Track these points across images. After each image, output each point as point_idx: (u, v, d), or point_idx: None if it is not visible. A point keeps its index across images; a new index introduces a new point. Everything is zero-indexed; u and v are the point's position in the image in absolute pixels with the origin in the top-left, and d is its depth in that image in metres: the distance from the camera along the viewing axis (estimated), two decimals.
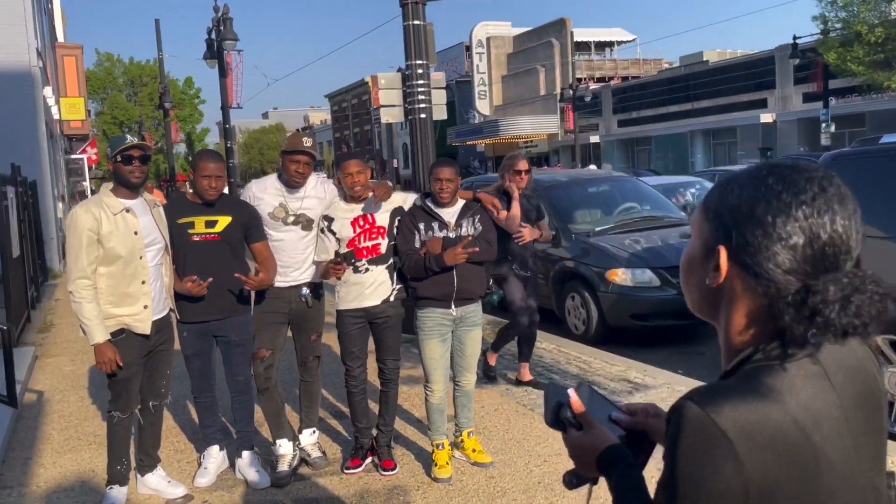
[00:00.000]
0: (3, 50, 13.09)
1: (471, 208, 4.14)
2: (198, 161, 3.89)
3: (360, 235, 4.06)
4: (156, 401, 3.96)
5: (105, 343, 3.55)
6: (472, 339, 4.16)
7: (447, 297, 4.02)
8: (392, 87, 7.98)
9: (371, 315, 4.12)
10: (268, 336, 4.10)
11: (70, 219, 3.56)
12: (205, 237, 3.89)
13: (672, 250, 7.22)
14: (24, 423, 5.31)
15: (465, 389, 4.26)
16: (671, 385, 5.58)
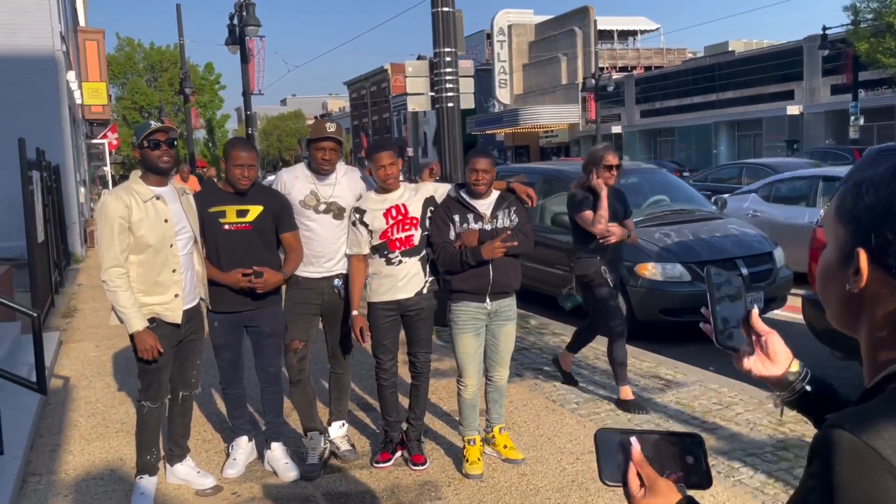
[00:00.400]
0: (27, 34, 13.10)
1: (506, 199, 4.03)
2: (230, 150, 3.80)
3: (393, 226, 3.98)
4: (186, 391, 3.92)
5: (145, 330, 3.51)
6: (506, 334, 4.07)
7: (482, 291, 3.94)
8: (419, 74, 7.88)
9: (403, 307, 4.04)
10: (301, 327, 4.04)
11: (100, 207, 3.51)
12: (236, 226, 3.82)
13: (703, 244, 7.09)
14: (51, 410, 5.29)
15: (497, 385, 4.18)
16: (703, 382, 5.47)
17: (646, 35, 57.18)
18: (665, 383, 5.48)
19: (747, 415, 4.76)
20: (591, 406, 5.04)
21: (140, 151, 3.57)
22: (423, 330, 4.11)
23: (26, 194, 7.42)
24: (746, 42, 46.45)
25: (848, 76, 25.89)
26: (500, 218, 3.97)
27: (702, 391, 5.28)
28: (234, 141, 3.95)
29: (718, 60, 36.66)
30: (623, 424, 4.68)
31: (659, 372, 5.76)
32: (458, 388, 4.07)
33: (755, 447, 4.26)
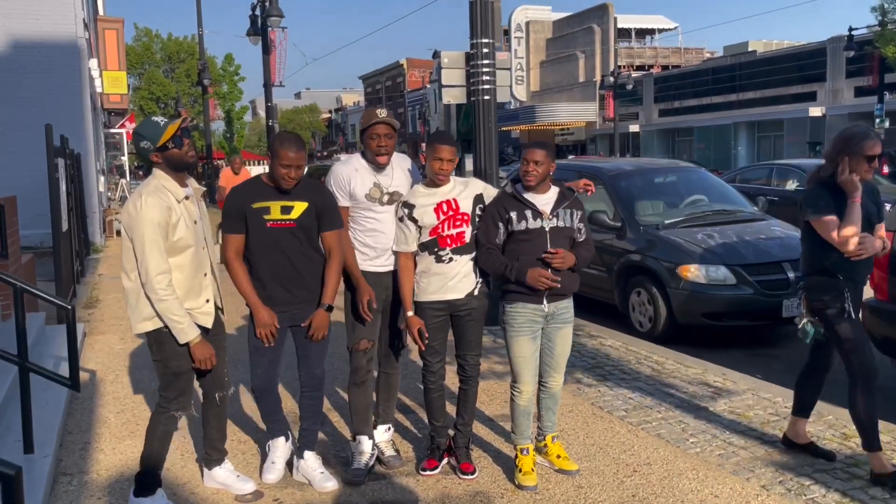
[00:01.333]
0: (50, 20, 12.97)
1: (567, 197, 3.81)
2: (278, 148, 3.52)
3: (445, 223, 3.76)
4: (221, 391, 3.70)
5: (201, 340, 3.34)
6: (562, 338, 3.86)
7: (539, 292, 3.73)
8: (455, 66, 7.65)
9: (453, 307, 3.84)
10: (368, 326, 3.83)
11: (139, 208, 3.20)
12: (279, 224, 3.60)
13: (748, 247, 6.85)
14: (78, 405, 5.12)
15: (551, 391, 3.96)
16: (755, 391, 5.24)
17: (664, 34, 56.68)
18: (715, 391, 5.25)
19: (808, 427, 4.52)
20: (641, 414, 4.82)
21: (161, 155, 3.29)
22: (473, 331, 3.90)
23: (52, 182, 7.26)
24: (766, 42, 45.92)
25: (874, 78, 25.49)
26: (562, 217, 3.75)
27: (755, 400, 5.05)
28: (284, 138, 3.61)
29: (739, 60, 36.23)
30: None
31: (707, 378, 5.53)
32: (511, 394, 3.86)
33: (823, 463, 4.03)
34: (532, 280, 3.59)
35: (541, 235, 3.70)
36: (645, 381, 5.50)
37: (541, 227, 3.70)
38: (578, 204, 3.82)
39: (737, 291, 6.58)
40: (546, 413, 4.01)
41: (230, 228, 3.59)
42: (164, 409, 3.45)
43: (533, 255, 3.67)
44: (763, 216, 7.77)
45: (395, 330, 3.98)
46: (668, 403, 5.01)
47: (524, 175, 3.72)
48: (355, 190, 3.79)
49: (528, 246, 3.70)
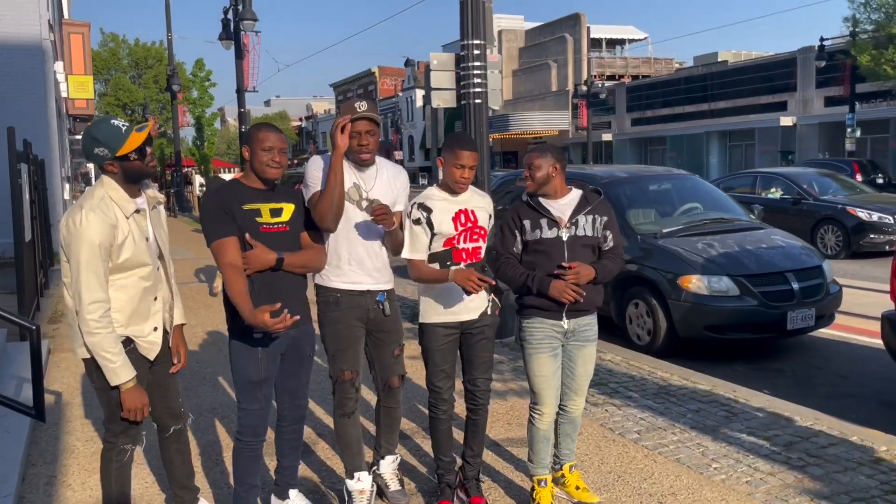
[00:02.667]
0: (13, 21, 12.40)
1: (590, 202, 3.45)
2: (255, 133, 3.10)
3: (462, 234, 3.43)
4: (177, 424, 3.23)
5: (135, 386, 2.87)
6: (584, 357, 3.52)
7: (558, 308, 3.40)
8: (445, 68, 7.34)
9: (465, 326, 3.50)
10: (351, 355, 3.41)
11: (78, 223, 2.75)
12: (273, 228, 3.11)
13: (751, 256, 6.61)
14: (44, 432, 4.67)
15: (571, 416, 3.63)
16: (771, 409, 4.96)
17: (634, 44, 57.12)
18: (728, 409, 4.97)
19: (833, 449, 4.26)
20: (656, 436, 4.52)
21: (120, 165, 2.85)
22: (485, 352, 3.56)
23: (15, 188, 6.79)
24: (735, 53, 46.43)
25: (845, 88, 25.74)
26: (581, 225, 3.40)
27: (772, 419, 4.78)
28: (258, 124, 3.25)
29: (711, 70, 36.52)
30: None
31: (717, 395, 5.25)
32: (531, 417, 3.52)
33: (858, 489, 3.75)
34: (557, 292, 3.27)
35: (557, 246, 3.37)
36: (653, 399, 5.21)
37: (556, 237, 3.38)
38: (604, 208, 3.48)
39: (740, 303, 6.33)
40: (564, 440, 3.68)
41: (221, 232, 3.00)
42: (112, 444, 3.01)
43: (550, 267, 3.35)
44: (761, 224, 7.56)
45: (392, 357, 3.54)
46: (682, 424, 4.71)
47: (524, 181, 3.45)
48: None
49: (544, 258, 3.39)
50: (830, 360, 6.57)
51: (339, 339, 3.38)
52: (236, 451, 3.20)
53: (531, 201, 3.47)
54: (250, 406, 3.15)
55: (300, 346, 3.25)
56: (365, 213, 3.35)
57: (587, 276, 3.30)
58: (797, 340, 7.04)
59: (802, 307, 6.39)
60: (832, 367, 6.38)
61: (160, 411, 3.17)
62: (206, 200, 3.11)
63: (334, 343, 3.40)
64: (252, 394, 3.13)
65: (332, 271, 3.38)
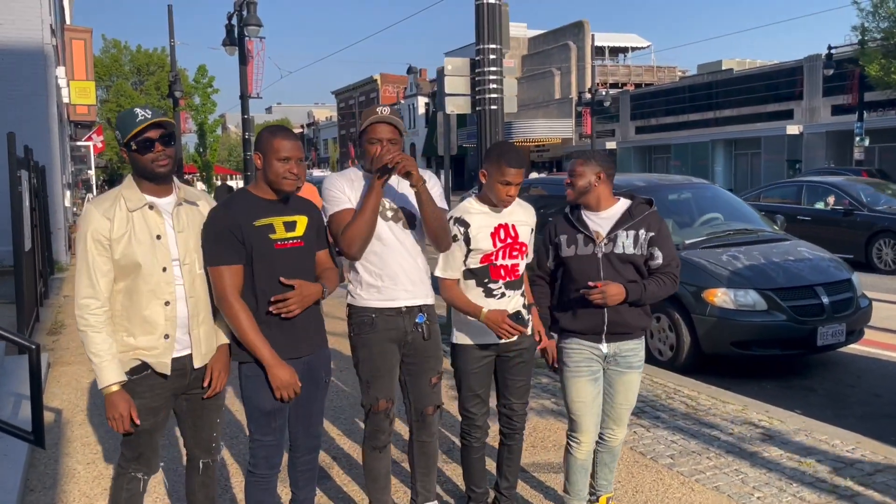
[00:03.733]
0: (14, 26, 12.19)
1: (634, 215, 3.17)
2: (269, 139, 2.77)
3: (501, 251, 3.18)
4: (206, 457, 2.98)
5: (118, 392, 2.61)
6: (625, 384, 3.26)
7: (596, 331, 3.17)
8: (459, 73, 7.12)
9: (502, 349, 3.25)
10: (386, 382, 3.12)
11: (80, 220, 2.73)
12: (288, 243, 2.82)
13: (778, 269, 6.37)
14: (43, 454, 4.42)
15: (609, 445, 3.38)
16: (808, 432, 4.71)
17: (637, 52, 57.05)
18: (763, 432, 4.72)
19: (880, 476, 4.01)
20: (691, 461, 4.27)
21: (127, 153, 2.68)
22: (522, 375, 3.32)
23: (14, 196, 6.56)
24: (740, 61, 46.30)
25: (853, 96, 25.53)
26: (620, 241, 3.11)
27: (812, 443, 4.53)
28: (272, 128, 2.88)
29: (716, 78, 36.34)
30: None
31: (749, 416, 5.00)
32: (567, 445, 3.28)
33: None
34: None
35: (592, 264, 3.12)
36: (682, 420, 4.95)
37: (591, 255, 3.12)
38: (651, 222, 3.16)
39: (768, 318, 6.09)
40: (602, 470, 3.43)
41: (222, 258, 2.72)
42: (124, 470, 2.78)
43: (582, 287, 3.09)
44: (786, 236, 7.31)
45: (428, 386, 3.22)
46: (717, 448, 4.46)
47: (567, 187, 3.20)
48: (355, 202, 3.06)
49: (577, 276, 3.15)
50: (862, 377, 6.32)
51: (374, 365, 3.11)
52: (249, 485, 2.92)
53: (570, 214, 3.23)
54: (264, 437, 2.87)
55: (316, 371, 2.98)
56: (390, 222, 3.10)
57: (616, 296, 3.01)
58: (825, 356, 6.79)
59: (833, 322, 6.14)
60: (865, 384, 6.13)
61: (189, 440, 2.94)
62: (213, 215, 2.79)
63: (369, 369, 3.12)
64: (266, 424, 2.86)
65: (363, 289, 3.11)
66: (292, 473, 3.11)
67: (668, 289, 3.15)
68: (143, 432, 2.70)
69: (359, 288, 3.12)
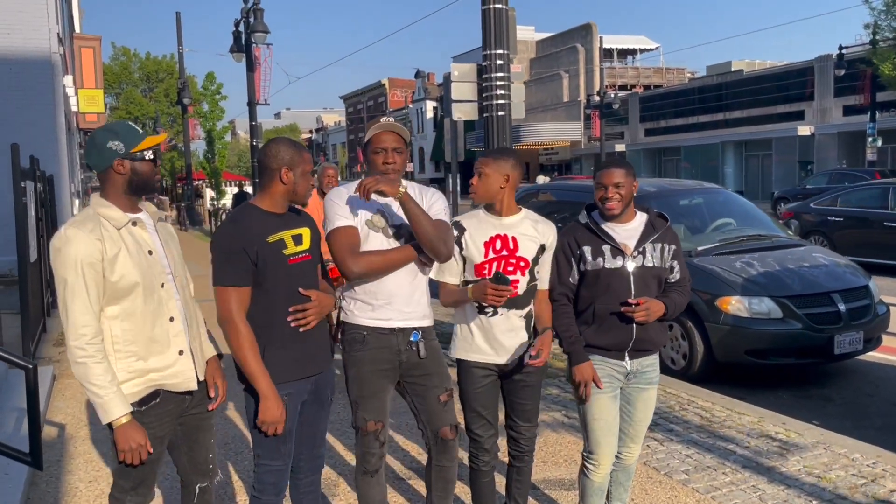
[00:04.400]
0: (22, 35, 12.21)
1: (657, 227, 3.05)
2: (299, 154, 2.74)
3: (494, 262, 3.05)
4: (204, 481, 2.86)
5: (130, 423, 2.47)
6: (645, 401, 3.16)
7: (622, 347, 3.05)
8: (466, 79, 7.04)
9: (502, 368, 3.13)
10: (377, 403, 3.00)
11: (61, 243, 2.45)
12: (299, 258, 2.76)
13: (794, 276, 6.23)
14: (45, 471, 4.34)
15: (625, 463, 3.26)
16: (827, 445, 4.58)
17: (645, 54, 56.85)
18: (780, 445, 4.60)
19: None
20: (706, 477, 4.15)
21: (130, 165, 2.55)
22: (528, 400, 3.17)
23: (19, 207, 6.50)
24: (749, 62, 46.06)
25: (865, 97, 25.30)
26: (649, 255, 3.01)
27: (831, 457, 4.40)
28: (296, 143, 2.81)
29: (726, 79, 36.13)
30: None
31: (766, 429, 4.87)
32: (584, 467, 3.16)
33: None
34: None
35: (622, 278, 2.98)
36: (697, 433, 4.83)
37: (621, 268, 2.99)
38: (671, 236, 3.09)
39: (784, 326, 5.95)
40: (617, 489, 3.31)
41: (231, 278, 2.65)
42: (118, 501, 2.65)
43: (611, 303, 2.97)
44: (801, 241, 7.17)
45: (438, 405, 3.06)
46: (733, 462, 4.34)
47: (602, 203, 3.00)
48: (357, 216, 2.97)
49: (606, 291, 3.00)
50: (881, 386, 6.18)
51: (364, 384, 2.99)
52: None
53: (591, 224, 3.06)
54: (272, 462, 2.76)
55: (321, 391, 2.91)
56: (392, 240, 2.98)
57: (657, 313, 2.93)
58: (843, 365, 6.65)
59: (850, 330, 6.01)
60: (884, 394, 5.99)
61: (184, 465, 2.82)
62: (223, 232, 2.71)
63: (357, 388, 3.00)
64: (275, 449, 2.74)
65: (357, 307, 3.00)
66: (295, 495, 3.02)
67: (686, 302, 3.15)
68: (148, 462, 2.59)
69: (352, 305, 3.02)
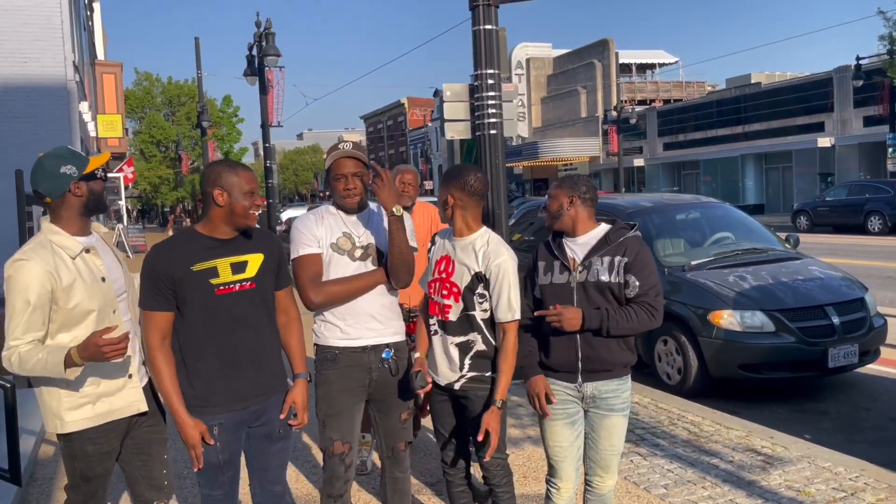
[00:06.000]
0: (38, 63, 12.59)
1: (611, 240, 2.96)
2: (232, 173, 2.66)
3: (435, 283, 3.09)
4: (160, 498, 2.85)
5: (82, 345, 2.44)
6: (608, 429, 3.01)
7: (570, 369, 2.99)
8: (458, 99, 7.11)
9: (449, 389, 3.11)
10: (344, 423, 3.00)
11: (12, 273, 2.50)
12: (232, 288, 2.67)
13: (787, 289, 6.20)
14: (35, 488, 4.45)
15: (598, 492, 3.15)
16: (812, 459, 4.55)
17: (664, 68, 56.67)
18: (765, 459, 4.57)
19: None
20: (684, 491, 4.14)
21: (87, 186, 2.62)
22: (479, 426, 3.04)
23: (23, 232, 6.69)
24: (769, 74, 45.74)
25: (884, 107, 25.03)
26: (595, 268, 2.94)
27: (814, 471, 4.36)
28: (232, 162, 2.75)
29: (744, 92, 35.92)
30: None
31: (753, 443, 4.84)
32: (547, 491, 3.14)
33: None
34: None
35: (566, 293, 2.95)
36: (682, 447, 4.82)
37: (566, 283, 2.96)
38: (629, 247, 2.92)
39: (776, 340, 5.91)
40: None
41: (152, 304, 2.61)
42: None
43: None
44: (798, 255, 7.13)
45: (399, 422, 3.12)
46: (714, 477, 4.32)
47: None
48: (323, 238, 3.01)
49: (552, 306, 2.93)
50: (879, 399, 6.10)
51: (332, 403, 3.00)
52: None
53: (551, 241, 3.08)
54: (213, 492, 2.73)
55: (268, 425, 2.81)
56: (360, 262, 3.03)
57: (571, 319, 2.81)
58: (842, 378, 6.58)
59: (844, 343, 5.95)
60: (881, 407, 5.91)
61: (138, 480, 2.82)
62: (150, 257, 2.67)
63: (326, 407, 3.02)
64: (213, 478, 2.71)
65: (327, 329, 3.04)
66: None
67: (642, 321, 2.87)
68: (96, 477, 2.65)
69: (323, 327, 3.05)
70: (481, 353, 3.01)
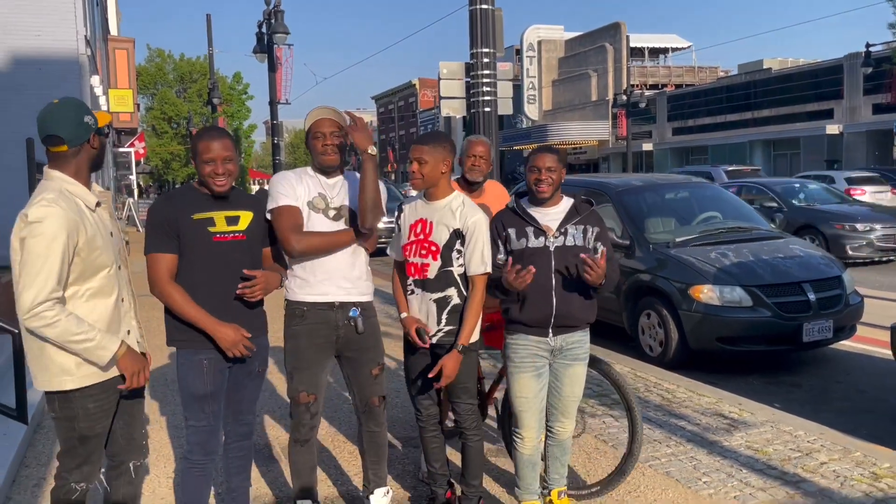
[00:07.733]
0: (51, 37, 12.81)
1: (581, 212, 3.27)
2: (196, 142, 2.90)
3: (412, 245, 3.30)
4: (138, 459, 2.92)
5: (127, 349, 2.65)
6: (572, 377, 3.33)
7: (544, 324, 3.24)
8: (454, 77, 7.34)
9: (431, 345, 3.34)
10: (310, 375, 3.21)
11: (42, 218, 2.43)
12: (228, 237, 2.94)
13: (766, 266, 6.41)
14: (42, 435, 4.76)
15: (558, 438, 3.45)
16: (775, 423, 4.79)
17: (677, 53, 56.39)
18: (730, 423, 4.82)
19: (833, 465, 4.09)
20: (650, 448, 4.39)
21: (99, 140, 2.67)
22: (460, 376, 3.27)
23: None
24: (781, 60, 45.50)
25: (893, 95, 24.98)
26: (571, 235, 3.23)
27: (775, 434, 4.61)
28: (201, 131, 2.98)
29: (754, 78, 35.80)
30: None
31: (721, 409, 5.09)
32: (513, 441, 3.41)
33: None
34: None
35: (544, 256, 3.21)
36: (654, 411, 5.07)
37: (543, 247, 3.21)
38: (594, 219, 3.30)
39: (753, 314, 6.14)
40: (553, 463, 3.51)
41: (158, 246, 2.87)
42: (64, 481, 2.71)
43: (536, 279, 3.14)
44: (781, 234, 7.33)
45: (370, 378, 3.34)
46: (679, 437, 4.58)
47: (535, 185, 3.22)
48: (300, 196, 3.17)
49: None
50: (851, 373, 6.33)
51: (299, 357, 3.20)
52: (184, 473, 3.03)
53: (517, 208, 3.32)
54: (198, 422, 2.96)
55: (249, 362, 3.05)
56: (333, 222, 3.22)
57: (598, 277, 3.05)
58: (818, 353, 6.81)
59: (819, 319, 6.17)
60: (852, 381, 6.14)
61: (119, 442, 2.84)
62: (153, 207, 2.95)
63: (293, 360, 3.22)
64: (199, 409, 2.95)
65: (297, 284, 3.23)
66: (225, 461, 3.19)
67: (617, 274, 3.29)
68: (95, 437, 2.68)
69: (293, 283, 3.24)
70: (456, 308, 3.25)
